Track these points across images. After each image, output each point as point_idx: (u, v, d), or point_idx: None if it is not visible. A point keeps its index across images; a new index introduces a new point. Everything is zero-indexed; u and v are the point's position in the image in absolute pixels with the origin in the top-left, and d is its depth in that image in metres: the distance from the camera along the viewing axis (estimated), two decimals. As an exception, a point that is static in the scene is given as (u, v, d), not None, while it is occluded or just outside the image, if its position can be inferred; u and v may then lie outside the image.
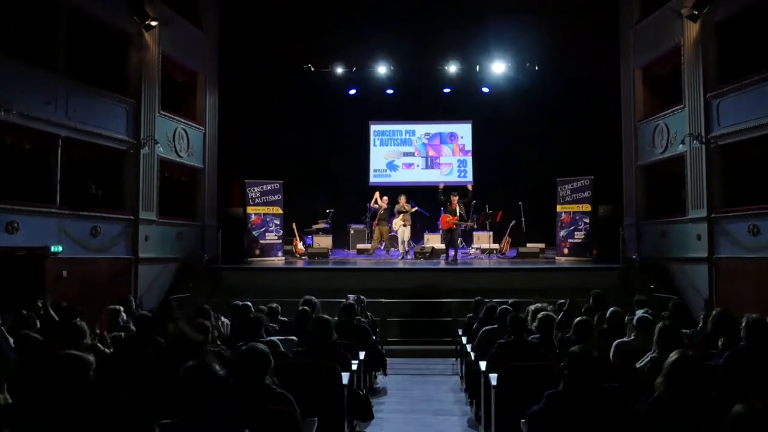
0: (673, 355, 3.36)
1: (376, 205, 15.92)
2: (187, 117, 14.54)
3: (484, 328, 6.94)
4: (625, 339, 5.92)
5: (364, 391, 6.40)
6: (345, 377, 5.50)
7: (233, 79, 15.86)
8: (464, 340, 8.48)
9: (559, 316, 7.17)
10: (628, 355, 5.46)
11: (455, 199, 14.40)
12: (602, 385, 3.46)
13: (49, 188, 10.77)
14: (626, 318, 6.86)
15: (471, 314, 9.26)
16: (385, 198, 15.96)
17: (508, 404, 5.22)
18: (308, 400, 4.73)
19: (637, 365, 4.99)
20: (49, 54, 10.86)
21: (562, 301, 8.38)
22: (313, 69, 17.07)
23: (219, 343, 5.99)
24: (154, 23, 12.67)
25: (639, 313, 6.33)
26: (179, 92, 14.59)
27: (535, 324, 6.45)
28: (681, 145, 12.63)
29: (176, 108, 14.20)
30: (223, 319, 8.33)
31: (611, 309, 6.89)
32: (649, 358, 5.01)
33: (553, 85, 16.72)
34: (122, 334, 6.86)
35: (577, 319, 5.90)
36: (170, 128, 13.82)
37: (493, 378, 5.45)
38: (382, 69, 17.21)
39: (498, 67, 17.01)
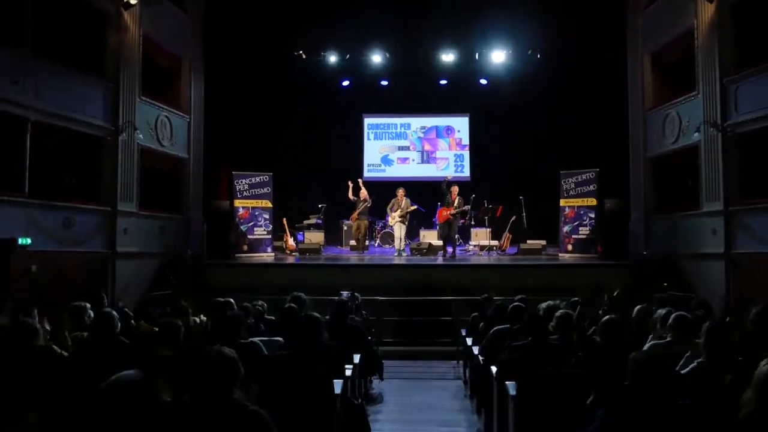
0: (765, 366, 2.58)
1: (355, 198, 15.13)
2: (170, 104, 13.69)
3: (494, 328, 6.16)
4: (660, 341, 5.15)
5: (360, 400, 5.61)
6: (338, 385, 4.73)
7: (220, 66, 14.99)
8: (469, 341, 7.72)
9: (575, 315, 6.43)
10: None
11: (455, 189, 13.67)
12: (673, 400, 2.68)
13: (16, 176, 9.90)
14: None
15: (476, 313, 8.48)
16: (364, 191, 15.20)
17: (530, 418, 4.47)
18: (293, 414, 3.98)
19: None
20: (15, 29, 9.93)
21: (575, 298, 7.65)
22: (304, 56, 16.24)
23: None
24: (133, 1, 11.81)
25: (661, 312, 5.61)
26: (162, 77, 13.76)
27: (552, 324, 5.69)
28: (695, 134, 11.88)
29: (159, 94, 13.35)
30: (202, 317, 7.60)
31: (638, 307, 6.14)
32: (695, 364, 4.25)
33: (556, 73, 15.98)
34: (85, 333, 6.12)
35: (606, 317, 5.15)
36: (152, 115, 12.97)
37: (511, 387, 4.69)
38: (376, 57, 16.43)
39: (497, 56, 16.24)
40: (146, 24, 12.58)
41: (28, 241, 9.82)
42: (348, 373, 5.37)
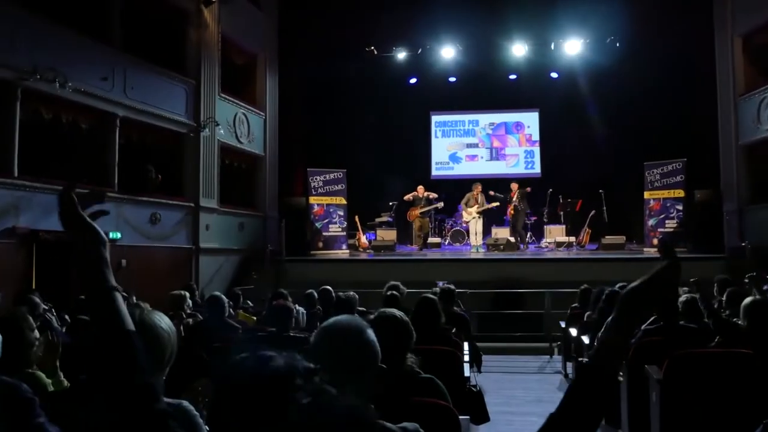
0: None
1: (411, 197, 14.96)
2: (247, 101, 13.79)
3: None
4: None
5: (477, 387, 5.36)
6: (465, 368, 4.50)
7: (293, 63, 15.03)
8: (573, 332, 7.38)
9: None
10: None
11: (515, 186, 13.93)
12: None
13: (106, 171, 10.07)
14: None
15: (576, 304, 8.14)
16: (421, 187, 15.08)
17: (678, 402, 4.13)
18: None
19: None
20: (104, 26, 10.16)
21: (694, 278, 7.33)
22: (376, 52, 16.11)
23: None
24: (213, -1, 11.95)
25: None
26: (238, 75, 13.89)
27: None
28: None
29: (236, 92, 13.48)
30: (297, 307, 7.51)
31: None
32: None
33: (637, 61, 15.29)
34: (189, 320, 6.13)
35: (749, 299, 4.78)
36: (230, 112, 13.07)
37: (653, 371, 4.36)
38: (447, 52, 16.16)
39: (572, 46, 15.75)
40: (224, 22, 12.71)
41: (119, 235, 9.95)
42: (466, 357, 5.14)
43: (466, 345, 5.79)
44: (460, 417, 2.95)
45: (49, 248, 8.70)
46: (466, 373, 4.48)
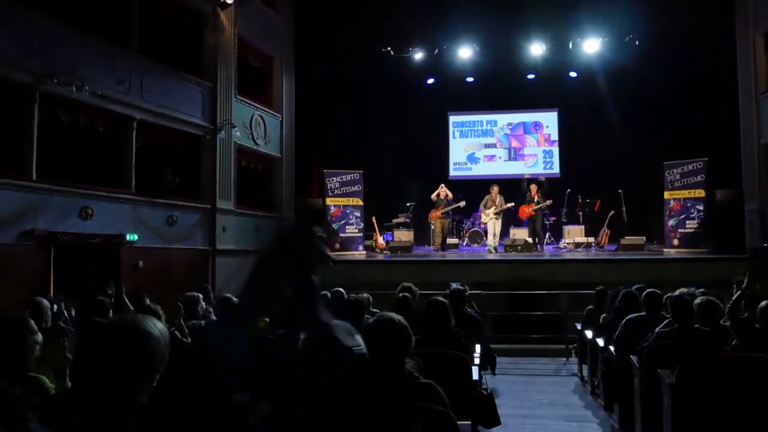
0: None
1: (436, 197, 14.93)
2: (263, 103, 13.84)
3: (627, 317, 5.72)
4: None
5: (488, 391, 5.31)
6: (474, 371, 4.46)
7: (309, 64, 15.04)
8: (588, 334, 7.29)
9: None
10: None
11: (534, 188, 13.96)
12: None
13: (124, 173, 10.18)
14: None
15: (591, 306, 8.04)
16: (444, 189, 15.03)
17: (690, 408, 4.06)
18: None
19: None
20: (121, 30, 10.24)
21: (702, 289, 7.12)
22: (392, 53, 16.07)
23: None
24: (230, 1, 11.98)
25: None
26: (255, 77, 13.92)
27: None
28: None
29: (253, 94, 13.53)
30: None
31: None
32: None
33: (656, 59, 15.09)
34: (202, 322, 6.15)
35: (765, 302, 4.67)
36: (247, 114, 13.13)
37: (666, 375, 4.29)
38: (464, 52, 16.08)
39: (591, 45, 15.59)
40: (241, 24, 12.77)
41: (136, 237, 10.04)
42: (476, 360, 5.10)
43: (478, 347, 5.76)
44: (461, 423, 2.93)
45: (67, 250, 8.80)
46: (475, 376, 4.41)
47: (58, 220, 8.75)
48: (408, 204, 16.33)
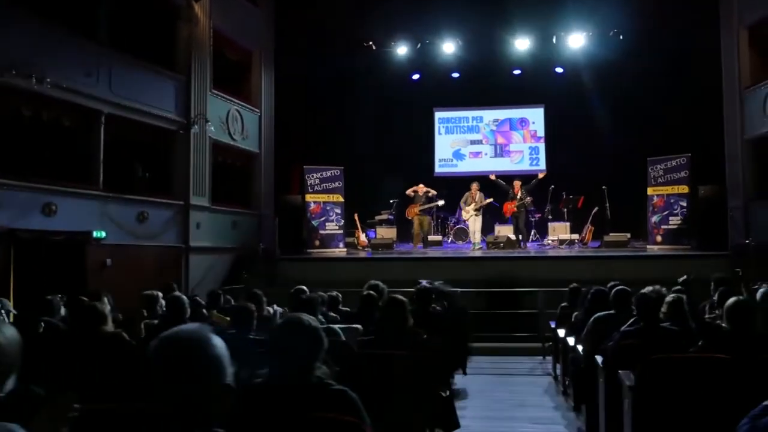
0: None
1: (412, 193, 14.73)
2: (241, 98, 13.59)
3: (595, 316, 5.53)
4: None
5: (447, 393, 5.11)
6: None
7: (290, 58, 14.77)
8: (561, 332, 7.10)
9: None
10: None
11: (518, 184, 13.92)
12: None
13: (91, 169, 9.91)
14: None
15: (565, 304, 7.85)
16: (421, 185, 14.86)
17: (652, 410, 3.86)
18: (376, 404, 3.52)
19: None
20: (89, 20, 9.95)
21: (683, 278, 6.99)
22: (374, 47, 15.84)
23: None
24: (203, -7, 11.74)
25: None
26: (233, 71, 13.69)
27: (663, 309, 5.04)
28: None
29: (230, 88, 13.27)
30: (275, 307, 7.30)
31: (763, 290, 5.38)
32: None
33: (640, 54, 14.90)
34: (155, 321, 5.93)
35: (732, 300, 4.47)
36: (223, 109, 12.87)
37: (626, 376, 4.09)
38: (448, 47, 15.85)
39: (576, 40, 15.40)
40: (217, 17, 12.50)
41: (103, 234, 9.79)
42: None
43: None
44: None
45: (28, 247, 8.54)
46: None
47: (19, 216, 8.49)
48: (391, 201, 16.13)
